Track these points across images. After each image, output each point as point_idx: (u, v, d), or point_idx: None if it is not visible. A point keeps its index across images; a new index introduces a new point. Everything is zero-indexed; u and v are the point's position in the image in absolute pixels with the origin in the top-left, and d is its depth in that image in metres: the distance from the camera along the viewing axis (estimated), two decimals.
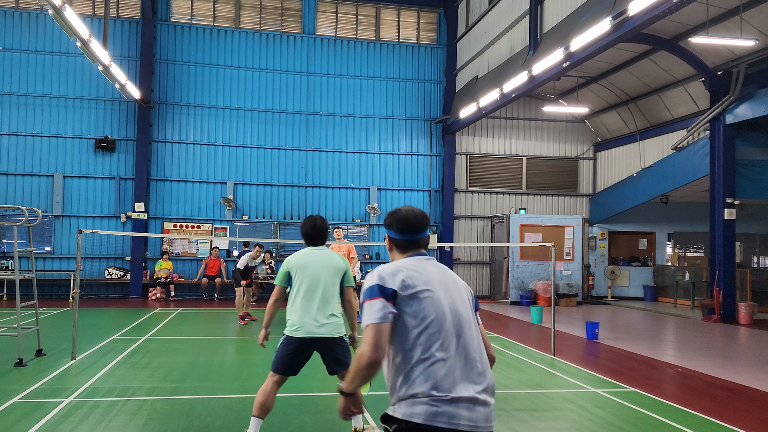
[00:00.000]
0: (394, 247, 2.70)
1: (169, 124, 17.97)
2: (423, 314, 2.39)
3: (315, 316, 4.75)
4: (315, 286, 4.83)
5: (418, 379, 2.34)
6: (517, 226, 18.07)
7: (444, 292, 2.47)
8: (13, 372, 7.29)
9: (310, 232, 5.03)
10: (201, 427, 5.32)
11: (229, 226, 18.09)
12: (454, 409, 2.31)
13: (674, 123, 16.97)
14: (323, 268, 4.88)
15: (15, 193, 16.94)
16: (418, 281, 2.44)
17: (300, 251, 5.05)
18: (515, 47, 15.32)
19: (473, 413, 2.34)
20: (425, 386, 2.32)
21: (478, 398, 2.36)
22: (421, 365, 2.35)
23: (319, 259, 4.93)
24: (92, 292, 17.29)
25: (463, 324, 2.45)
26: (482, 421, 2.36)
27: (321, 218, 5.09)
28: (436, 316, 2.40)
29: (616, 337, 11.38)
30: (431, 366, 2.34)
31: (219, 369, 7.78)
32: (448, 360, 2.36)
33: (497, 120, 20.05)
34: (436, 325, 2.39)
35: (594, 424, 5.67)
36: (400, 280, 2.43)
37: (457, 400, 2.32)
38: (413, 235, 2.64)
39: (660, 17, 9.64)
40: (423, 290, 2.42)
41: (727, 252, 14.10)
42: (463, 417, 2.31)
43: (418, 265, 2.53)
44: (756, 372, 8.42)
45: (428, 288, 2.44)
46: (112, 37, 17.37)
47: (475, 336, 2.49)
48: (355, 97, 19.11)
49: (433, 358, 2.35)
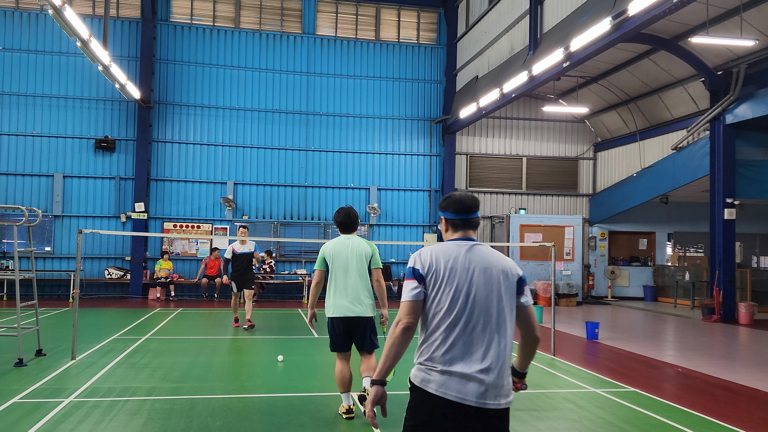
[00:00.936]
0: (450, 228, 2.97)
1: (169, 124, 17.97)
2: (439, 298, 2.75)
3: (349, 299, 5.52)
4: (346, 271, 5.57)
5: (426, 350, 2.74)
6: (517, 226, 18.07)
7: (467, 281, 2.76)
8: (13, 372, 7.29)
9: (345, 220, 5.75)
10: (201, 427, 5.32)
11: (229, 226, 18.09)
12: (446, 380, 2.65)
13: (674, 123, 16.97)
14: (353, 255, 5.61)
15: (15, 193, 16.94)
16: (444, 270, 2.77)
17: (335, 239, 5.76)
18: (515, 47, 15.32)
19: (464, 387, 2.63)
20: (426, 356, 2.73)
21: (474, 376, 2.63)
22: (430, 339, 2.75)
23: (349, 247, 5.65)
24: (92, 292, 17.29)
25: (475, 311, 2.73)
26: (472, 395, 2.62)
27: (353, 209, 5.85)
28: (450, 302, 2.73)
29: (616, 337, 11.38)
30: (435, 341, 2.72)
31: (219, 369, 7.78)
32: (450, 339, 2.70)
33: (497, 120, 20.05)
34: (448, 310, 2.73)
35: (594, 424, 5.67)
36: (429, 265, 2.80)
37: (450, 373, 2.65)
38: (467, 215, 2.94)
39: (660, 17, 9.65)
40: (445, 279, 2.76)
41: (727, 252, 14.10)
42: (453, 388, 2.63)
43: (453, 252, 2.83)
44: (756, 372, 8.42)
45: (451, 276, 2.76)
46: (112, 37, 17.37)
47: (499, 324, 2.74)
48: (355, 97, 19.11)
49: (440, 336, 2.71)
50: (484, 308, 2.73)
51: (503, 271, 2.81)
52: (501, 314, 2.75)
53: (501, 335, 2.73)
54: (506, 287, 2.79)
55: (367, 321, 5.56)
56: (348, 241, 5.68)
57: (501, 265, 2.83)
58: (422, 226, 19.25)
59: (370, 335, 5.59)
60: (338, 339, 5.57)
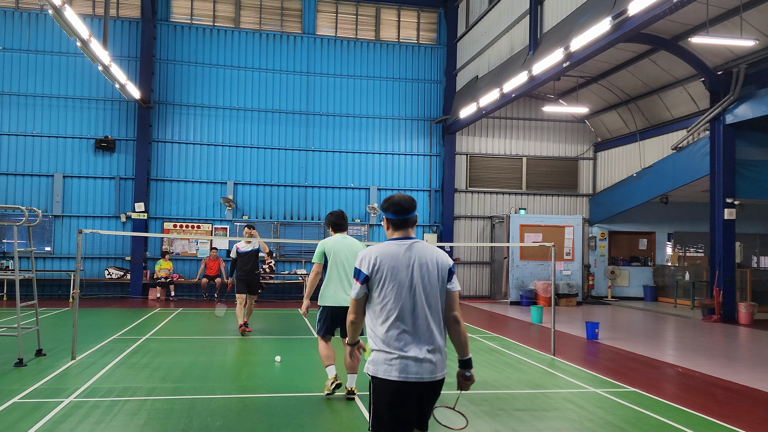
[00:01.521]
0: (391, 226, 3.40)
1: (169, 124, 17.97)
2: (385, 293, 3.21)
3: (346, 290, 6.26)
4: (344, 266, 6.38)
5: (381, 338, 3.20)
6: (517, 226, 18.07)
7: (408, 276, 3.22)
8: (13, 372, 7.29)
9: (338, 221, 6.70)
10: (201, 427, 5.32)
11: (229, 226, 18.09)
12: (404, 365, 3.12)
13: (674, 123, 16.97)
14: (350, 252, 6.46)
15: (15, 193, 16.95)
16: (387, 268, 3.23)
17: (332, 237, 6.62)
18: (515, 47, 15.32)
19: (420, 368, 3.14)
20: (382, 344, 3.18)
21: (426, 357, 3.15)
22: (382, 328, 3.20)
23: (346, 245, 6.53)
24: (92, 292, 17.29)
25: (417, 302, 3.20)
26: (427, 373, 3.15)
27: (343, 212, 6.89)
28: (396, 296, 3.19)
29: (616, 337, 11.38)
30: (388, 331, 3.18)
31: (219, 369, 7.78)
32: (400, 328, 3.17)
33: (497, 120, 20.05)
34: (395, 303, 3.19)
35: (594, 424, 5.67)
36: (374, 263, 3.24)
37: (406, 358, 3.13)
38: (404, 215, 3.37)
39: (660, 17, 9.65)
40: (389, 274, 3.22)
41: (727, 252, 14.09)
42: (411, 371, 3.13)
43: (394, 252, 3.27)
44: (756, 372, 8.42)
45: (393, 274, 3.21)
46: (112, 37, 17.37)
47: (432, 311, 3.22)
48: (355, 97, 19.11)
49: (392, 326, 3.18)
50: (425, 298, 3.21)
51: (437, 263, 3.28)
52: (437, 302, 3.25)
53: (437, 319, 3.23)
54: (440, 278, 3.27)
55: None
56: (344, 239, 6.61)
57: (435, 259, 3.30)
58: (422, 226, 19.25)
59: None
60: (331, 325, 6.37)
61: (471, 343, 5.90)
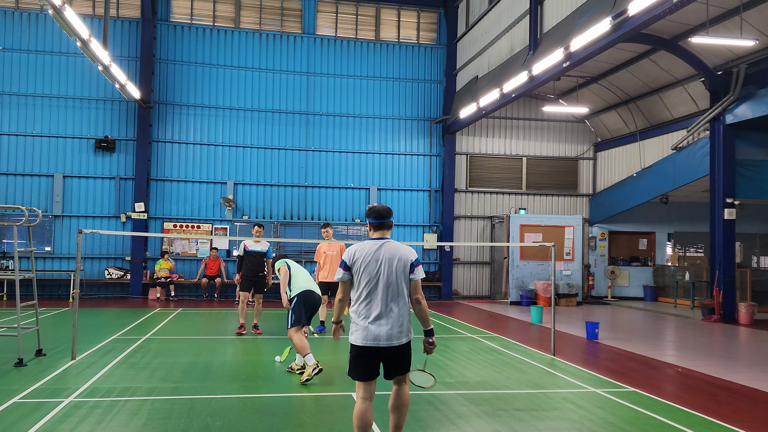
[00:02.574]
0: (372, 228, 4.52)
1: (169, 124, 17.97)
2: (360, 280, 4.37)
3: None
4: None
5: (356, 311, 4.39)
6: (517, 226, 18.07)
7: (376, 266, 4.33)
8: (13, 372, 7.29)
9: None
10: (201, 427, 5.32)
11: (229, 226, 18.09)
12: (367, 332, 4.29)
13: (674, 123, 16.97)
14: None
15: (15, 193, 16.94)
16: (362, 262, 4.35)
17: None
18: (515, 47, 15.31)
19: (379, 335, 4.27)
20: (356, 316, 4.38)
21: (383, 329, 4.27)
22: (357, 305, 4.38)
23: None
24: (92, 292, 17.29)
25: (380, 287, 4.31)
26: (384, 340, 4.27)
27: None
28: (367, 282, 4.33)
29: (616, 337, 11.38)
30: (360, 306, 4.36)
31: (219, 369, 7.78)
32: (370, 306, 4.32)
33: (497, 120, 20.05)
34: (366, 287, 4.34)
35: (594, 424, 5.67)
36: (353, 257, 4.39)
37: (369, 328, 4.29)
38: (381, 220, 4.49)
39: (660, 17, 9.64)
40: (363, 266, 4.35)
41: (727, 252, 14.09)
42: (370, 337, 4.28)
43: (369, 249, 4.38)
44: (756, 372, 8.42)
45: (366, 266, 4.34)
46: (112, 37, 17.37)
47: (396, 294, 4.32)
48: (355, 97, 19.11)
49: (363, 303, 4.35)
50: (388, 285, 4.31)
51: (401, 258, 4.36)
52: (399, 288, 4.34)
53: (399, 301, 4.33)
54: (403, 269, 4.35)
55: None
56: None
57: (400, 255, 4.37)
58: (422, 226, 19.25)
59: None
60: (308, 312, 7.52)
61: (470, 343, 5.91)
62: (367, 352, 4.29)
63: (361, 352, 4.31)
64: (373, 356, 4.30)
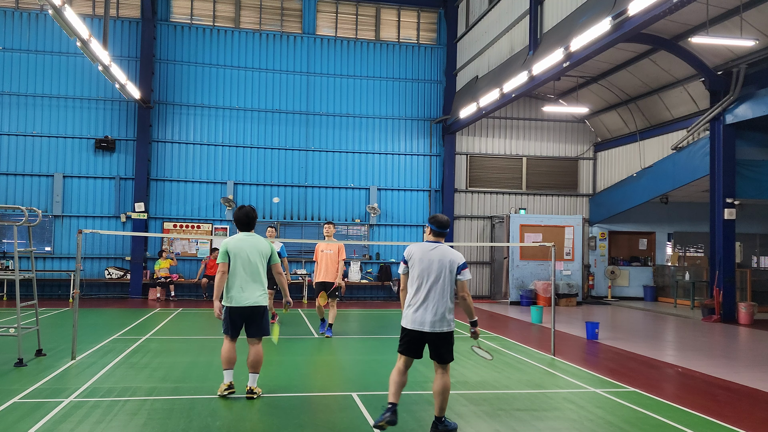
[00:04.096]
0: (430, 233, 5.31)
1: (169, 124, 17.97)
2: (413, 274, 5.20)
3: (247, 290, 6.16)
4: (246, 265, 6.16)
5: (408, 300, 5.23)
6: (517, 226, 18.07)
7: (428, 266, 5.13)
8: (13, 372, 7.29)
9: (244, 219, 6.35)
10: (201, 427, 5.32)
11: (229, 226, 18.09)
12: (414, 317, 5.11)
13: (674, 123, 16.97)
14: (253, 251, 6.23)
15: (15, 193, 16.95)
16: (417, 259, 5.18)
17: (235, 236, 6.35)
18: (515, 47, 15.31)
19: (423, 320, 5.07)
20: (407, 304, 5.22)
21: (427, 316, 5.07)
22: (410, 295, 5.22)
23: (250, 244, 6.25)
24: (92, 292, 17.29)
25: (429, 283, 5.11)
26: (428, 326, 5.05)
27: (252, 208, 6.43)
28: (418, 276, 5.15)
29: (616, 337, 11.38)
30: (411, 296, 5.19)
31: (219, 369, 7.75)
32: (419, 297, 5.13)
33: (497, 120, 20.05)
34: (417, 281, 5.15)
35: (594, 424, 5.67)
36: (411, 253, 5.24)
37: (416, 313, 5.10)
38: (440, 230, 5.30)
39: (660, 17, 9.64)
40: (416, 261, 5.19)
41: (727, 252, 14.09)
42: (417, 322, 5.09)
43: (424, 248, 5.22)
44: (756, 372, 8.42)
45: (420, 264, 5.16)
46: (112, 37, 17.37)
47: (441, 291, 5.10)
48: (355, 97, 19.11)
49: (413, 293, 5.18)
50: (436, 281, 5.09)
51: (451, 261, 5.15)
52: (445, 285, 5.11)
53: (443, 296, 5.10)
54: (450, 270, 5.12)
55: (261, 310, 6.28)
56: (249, 238, 6.30)
57: (449, 258, 5.16)
58: (422, 226, 19.25)
59: (264, 325, 6.38)
60: (233, 324, 6.32)
61: (470, 343, 5.93)
62: (412, 334, 5.11)
63: (407, 333, 5.14)
64: (418, 338, 5.10)
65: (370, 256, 18.94)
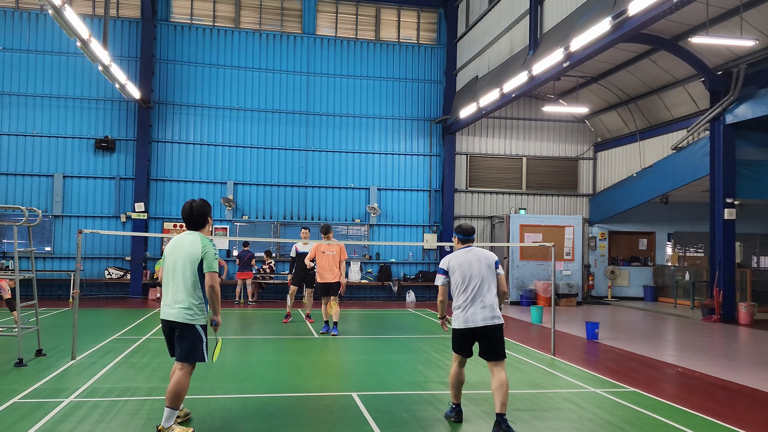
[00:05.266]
0: (459, 242, 5.74)
1: (169, 124, 17.97)
2: (456, 279, 5.50)
3: (166, 302, 5.13)
4: (171, 272, 5.09)
5: (456, 304, 5.51)
6: (517, 226, 18.07)
7: (468, 267, 5.49)
8: (13, 372, 7.29)
9: (185, 215, 5.22)
10: (201, 427, 5.32)
11: (229, 226, 18.09)
12: (466, 317, 5.40)
13: (674, 123, 16.97)
14: (182, 255, 5.05)
15: (15, 193, 16.94)
16: (456, 265, 5.53)
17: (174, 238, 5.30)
18: (515, 47, 15.31)
19: (475, 318, 5.37)
20: (456, 306, 5.50)
21: (479, 311, 5.39)
22: (457, 299, 5.50)
23: (178, 247, 5.12)
24: (92, 292, 17.29)
25: (474, 281, 5.45)
26: (481, 321, 5.37)
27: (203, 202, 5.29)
28: (462, 280, 5.47)
29: (616, 337, 11.38)
30: (458, 299, 5.48)
31: (219, 369, 7.78)
32: (466, 297, 5.43)
33: (497, 120, 20.05)
34: (461, 284, 5.47)
35: (594, 424, 5.67)
36: (448, 264, 5.59)
37: (467, 312, 5.41)
38: (467, 237, 5.73)
39: (660, 17, 9.64)
40: (455, 268, 5.53)
41: (727, 252, 14.09)
42: (470, 320, 5.38)
43: (459, 255, 5.58)
44: (756, 372, 8.42)
45: (460, 267, 5.51)
46: (112, 37, 17.37)
47: (485, 285, 5.46)
48: (355, 97, 19.11)
49: (461, 296, 5.46)
50: (478, 279, 5.45)
51: (487, 258, 5.57)
52: (487, 281, 5.47)
53: (489, 290, 5.46)
54: (488, 267, 5.53)
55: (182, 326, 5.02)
56: (183, 239, 5.15)
57: (485, 256, 5.60)
58: (422, 226, 19.25)
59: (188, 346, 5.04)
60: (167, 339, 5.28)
61: None
62: (465, 333, 5.43)
63: (460, 334, 5.47)
64: (470, 336, 5.43)
65: (370, 256, 18.94)
